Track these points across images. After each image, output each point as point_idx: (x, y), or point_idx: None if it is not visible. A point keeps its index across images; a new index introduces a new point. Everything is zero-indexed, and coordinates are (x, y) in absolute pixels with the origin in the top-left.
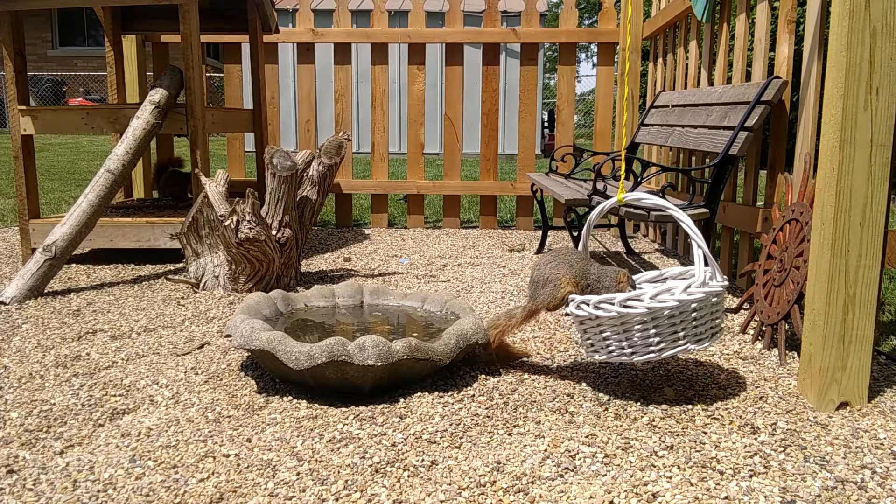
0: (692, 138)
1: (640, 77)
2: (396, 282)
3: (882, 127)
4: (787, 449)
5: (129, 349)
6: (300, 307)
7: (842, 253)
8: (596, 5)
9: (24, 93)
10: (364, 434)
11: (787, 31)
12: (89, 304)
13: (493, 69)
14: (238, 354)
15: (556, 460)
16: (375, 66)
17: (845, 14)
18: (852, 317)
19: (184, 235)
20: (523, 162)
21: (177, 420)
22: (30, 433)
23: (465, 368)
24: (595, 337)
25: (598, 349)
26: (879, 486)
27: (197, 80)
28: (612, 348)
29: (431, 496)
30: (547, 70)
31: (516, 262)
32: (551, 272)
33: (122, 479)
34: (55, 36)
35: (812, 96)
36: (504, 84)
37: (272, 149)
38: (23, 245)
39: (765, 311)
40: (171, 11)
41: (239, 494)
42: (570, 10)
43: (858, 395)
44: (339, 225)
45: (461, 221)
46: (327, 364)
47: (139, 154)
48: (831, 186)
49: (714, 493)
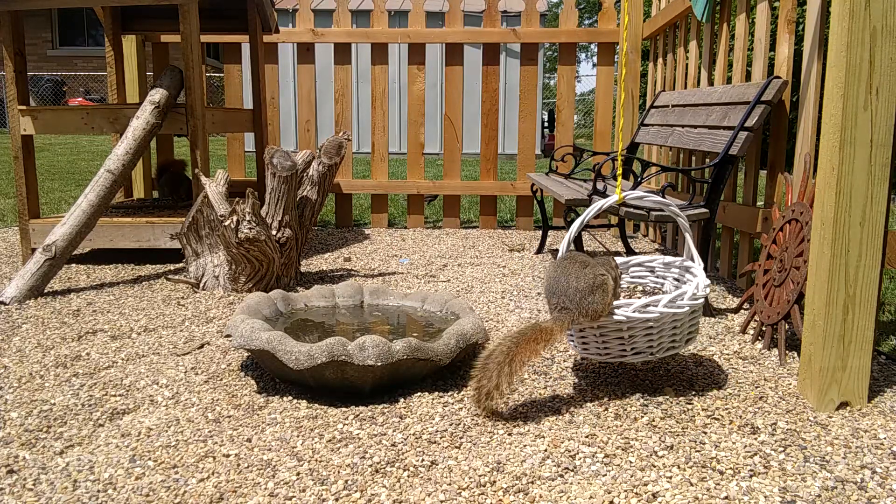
0: (692, 138)
1: (640, 77)
2: (396, 282)
3: (882, 127)
4: (787, 449)
5: (129, 349)
6: (300, 307)
7: (842, 253)
8: (596, 5)
9: (24, 93)
10: (364, 434)
11: (787, 31)
12: (89, 304)
13: (493, 69)
14: (238, 354)
15: (556, 460)
16: (375, 66)
17: (845, 14)
18: (852, 317)
19: (184, 235)
20: (523, 162)
21: (177, 420)
22: (30, 433)
23: (465, 368)
24: (594, 339)
25: (599, 351)
26: (879, 486)
27: (197, 80)
28: (610, 349)
29: (431, 496)
30: (547, 70)
31: (516, 262)
32: (594, 276)
33: (122, 479)
34: (55, 36)
35: (812, 96)
36: (504, 84)
37: (272, 149)
38: (23, 245)
39: (765, 311)
40: (171, 11)
41: (239, 494)
42: (570, 10)
43: (858, 395)
44: (339, 225)
45: (461, 221)
46: (327, 364)
47: (139, 154)
48: (831, 186)
49: (714, 493)
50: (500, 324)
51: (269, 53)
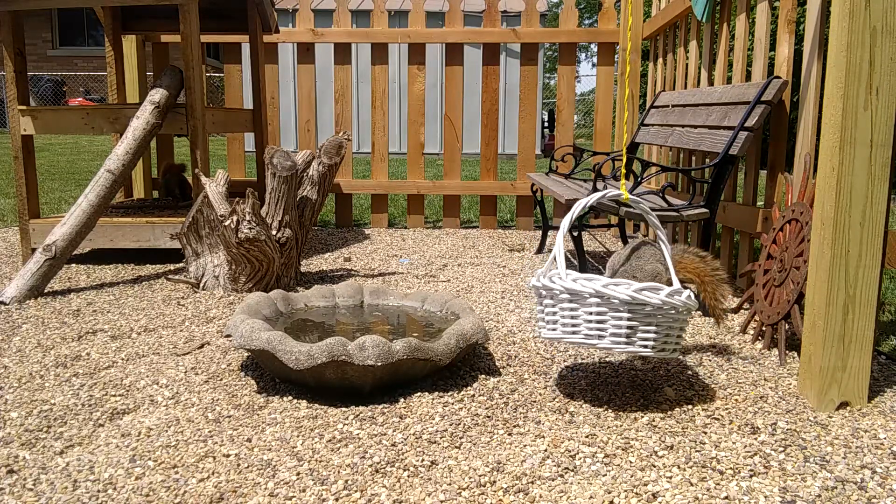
0: (692, 138)
1: (641, 77)
2: (396, 282)
3: (882, 127)
4: (787, 449)
5: (129, 349)
6: (300, 307)
7: (842, 253)
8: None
9: (25, 93)
10: (364, 434)
11: (787, 31)
12: (89, 304)
13: (493, 69)
14: (238, 354)
15: (557, 460)
16: (375, 66)
17: (845, 14)
18: (852, 317)
19: (184, 235)
20: (523, 162)
21: (177, 420)
22: (30, 433)
23: (465, 368)
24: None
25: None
26: (879, 486)
27: (197, 80)
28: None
29: (431, 496)
30: (547, 70)
31: (516, 262)
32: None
33: (122, 479)
34: (55, 36)
35: (812, 96)
36: (504, 84)
37: (272, 149)
38: (23, 245)
39: (765, 311)
40: (171, 11)
41: (239, 494)
42: (570, 10)
43: (858, 395)
44: (339, 225)
45: (461, 221)
46: (327, 364)
47: (139, 154)
48: (831, 186)
49: (714, 493)
50: (500, 324)
51: (269, 53)
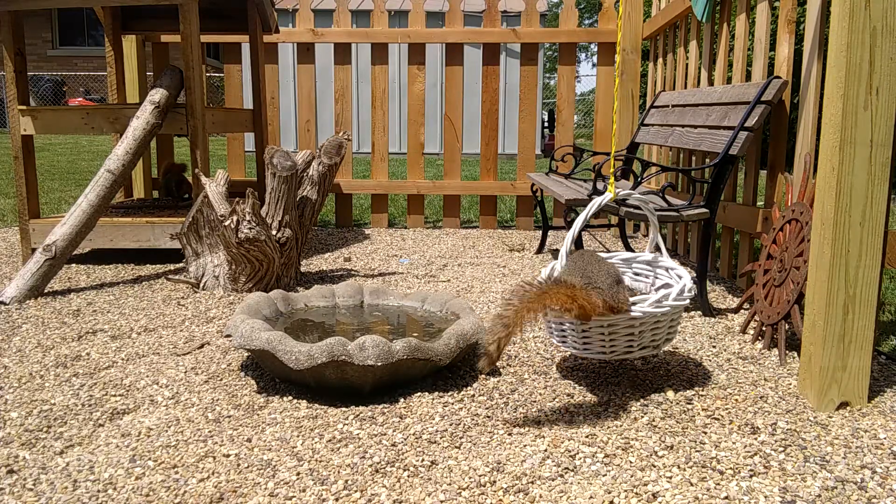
0: (692, 138)
1: (641, 77)
2: (396, 282)
3: (882, 127)
4: (787, 449)
5: (129, 349)
6: (300, 307)
7: (842, 253)
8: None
9: (25, 93)
10: (364, 434)
11: (787, 31)
12: (89, 304)
13: (493, 69)
14: (238, 354)
15: (556, 460)
16: (375, 66)
17: (845, 14)
18: (852, 317)
19: (184, 235)
20: (523, 162)
21: (177, 420)
22: (30, 433)
23: (465, 368)
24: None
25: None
26: (879, 486)
27: (197, 80)
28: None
29: (431, 496)
30: (547, 70)
31: (516, 262)
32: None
33: (123, 479)
34: (55, 36)
35: (812, 96)
36: (504, 84)
37: (272, 149)
38: (23, 245)
39: (765, 311)
40: (171, 11)
41: (239, 494)
42: (570, 10)
43: (858, 395)
44: (339, 225)
45: (461, 221)
46: (327, 364)
47: (139, 154)
48: (831, 186)
49: (714, 493)
50: None
51: (269, 53)
